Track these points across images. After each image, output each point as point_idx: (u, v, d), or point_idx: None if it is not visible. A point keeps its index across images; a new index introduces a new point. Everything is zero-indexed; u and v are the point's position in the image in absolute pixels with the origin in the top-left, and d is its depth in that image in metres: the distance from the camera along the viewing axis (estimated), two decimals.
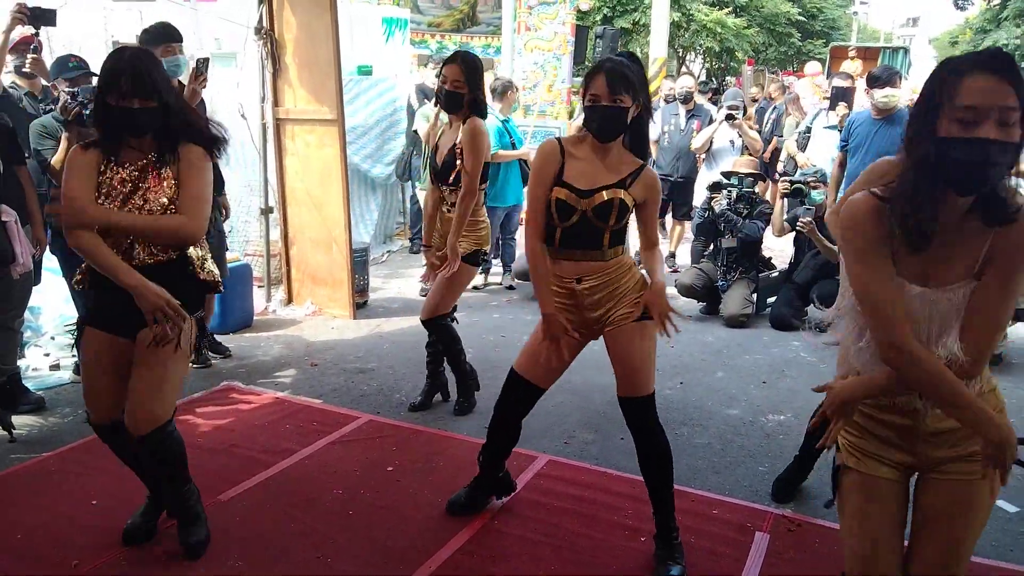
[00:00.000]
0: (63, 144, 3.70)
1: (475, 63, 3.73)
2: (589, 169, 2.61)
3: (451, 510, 3.03)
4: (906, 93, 6.43)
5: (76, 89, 3.75)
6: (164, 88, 2.51)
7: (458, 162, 3.71)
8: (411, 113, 7.38)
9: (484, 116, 3.77)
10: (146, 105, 2.46)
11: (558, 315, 2.64)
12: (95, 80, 4.26)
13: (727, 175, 6.05)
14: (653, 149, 7.42)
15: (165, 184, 2.52)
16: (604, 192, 2.58)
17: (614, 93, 2.48)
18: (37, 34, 4.21)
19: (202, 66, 4.03)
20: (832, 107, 6.96)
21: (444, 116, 3.90)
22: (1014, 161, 1.51)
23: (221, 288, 2.73)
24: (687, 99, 7.04)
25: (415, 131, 6.85)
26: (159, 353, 2.50)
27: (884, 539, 1.78)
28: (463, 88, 3.65)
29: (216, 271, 2.72)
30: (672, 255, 7.51)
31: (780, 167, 7.77)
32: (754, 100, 9.86)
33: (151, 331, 2.47)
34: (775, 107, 8.99)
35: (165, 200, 2.51)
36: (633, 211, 2.65)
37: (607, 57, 2.62)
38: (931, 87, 1.57)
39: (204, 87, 4.10)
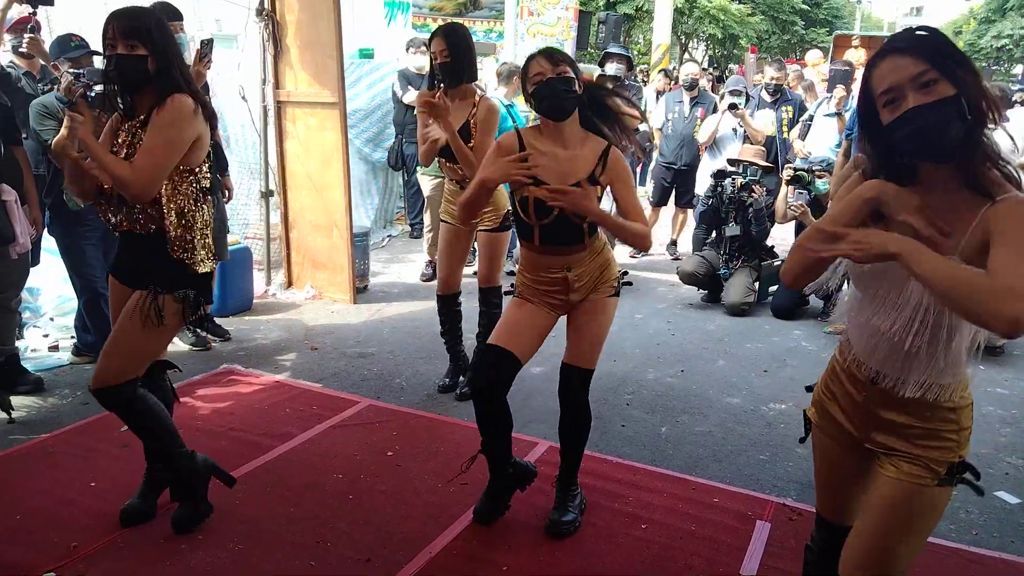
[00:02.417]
0: (65, 125, 3.67)
1: (457, 29, 3.75)
2: (554, 163, 2.61)
3: (478, 519, 2.89)
4: None
5: (81, 70, 3.71)
6: (159, 39, 2.42)
7: (472, 140, 3.68)
8: (396, 101, 7.30)
9: (473, 78, 3.79)
10: (132, 52, 2.38)
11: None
12: (98, 60, 4.23)
13: (733, 163, 6.02)
14: (656, 136, 7.39)
15: None
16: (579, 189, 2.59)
17: (556, 64, 2.54)
18: (35, 13, 4.17)
19: (206, 48, 3.98)
20: (830, 90, 6.91)
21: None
22: (964, 112, 1.50)
23: (200, 272, 2.61)
24: (691, 86, 7.00)
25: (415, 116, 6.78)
26: (130, 319, 2.51)
27: (838, 491, 1.91)
28: (447, 58, 3.65)
29: (207, 262, 2.61)
30: (674, 242, 7.49)
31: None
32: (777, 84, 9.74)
33: (137, 302, 2.51)
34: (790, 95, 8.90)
35: None
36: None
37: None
38: (862, 89, 1.65)
39: (209, 69, 4.06)
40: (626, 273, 2.86)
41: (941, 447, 1.68)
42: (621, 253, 7.28)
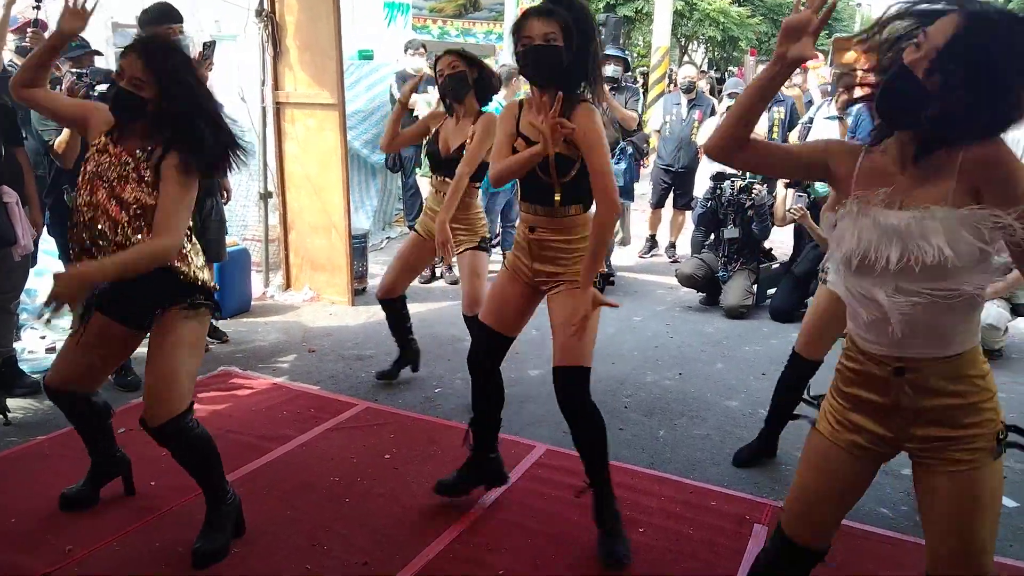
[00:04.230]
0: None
1: (465, 51, 3.77)
2: (537, 121, 2.54)
3: (438, 489, 2.98)
4: None
5: (84, 70, 3.71)
6: (168, 79, 2.38)
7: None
8: (393, 103, 7.28)
9: (487, 99, 3.75)
10: (135, 90, 2.36)
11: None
12: (100, 60, 4.23)
13: None
14: (654, 138, 7.38)
15: (145, 186, 2.41)
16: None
17: (546, 27, 2.43)
18: (38, 8, 4.16)
19: (208, 50, 3.99)
20: (832, 93, 6.91)
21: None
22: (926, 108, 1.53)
23: (207, 287, 2.59)
24: (689, 88, 7.01)
25: (416, 116, 6.77)
26: (166, 346, 2.47)
27: (831, 507, 1.83)
28: (462, 67, 3.65)
29: (206, 276, 2.60)
30: (672, 244, 7.49)
31: None
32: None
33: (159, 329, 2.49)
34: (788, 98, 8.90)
35: (142, 198, 2.41)
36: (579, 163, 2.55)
37: (535, 5, 2.56)
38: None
39: (211, 71, 4.06)
40: (612, 274, 2.82)
41: (984, 420, 1.68)
42: (629, 254, 7.27)
